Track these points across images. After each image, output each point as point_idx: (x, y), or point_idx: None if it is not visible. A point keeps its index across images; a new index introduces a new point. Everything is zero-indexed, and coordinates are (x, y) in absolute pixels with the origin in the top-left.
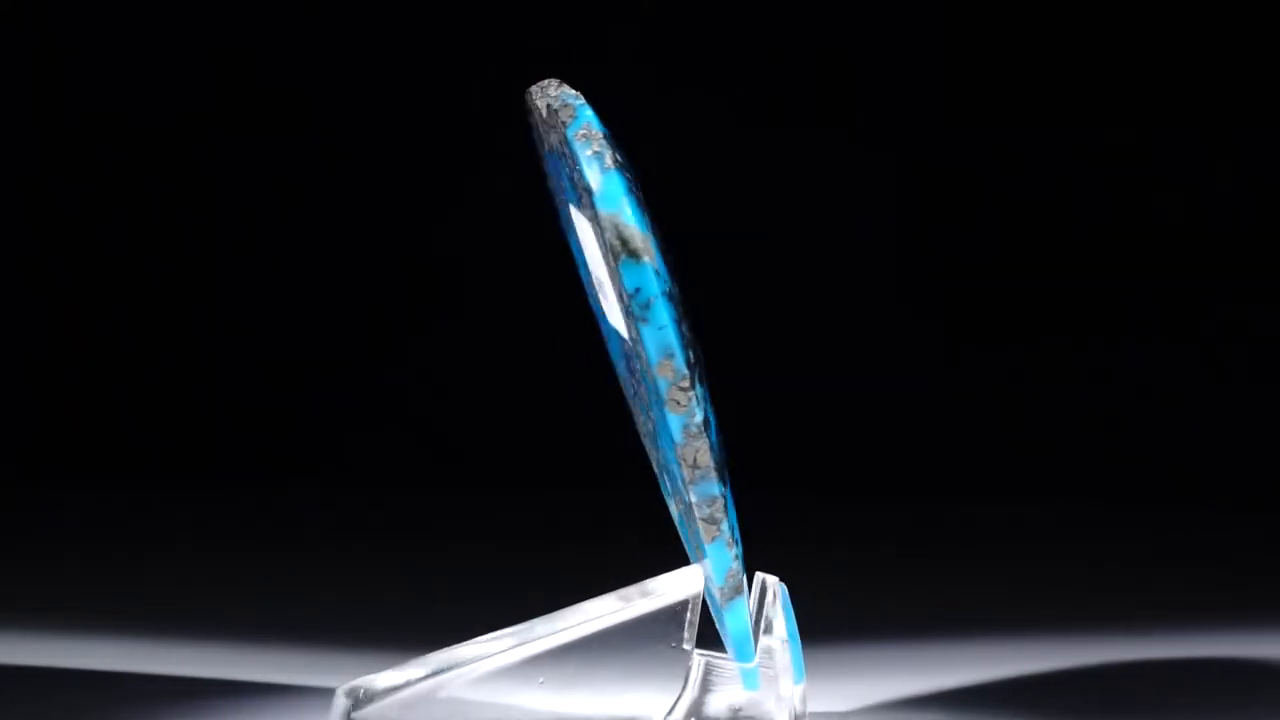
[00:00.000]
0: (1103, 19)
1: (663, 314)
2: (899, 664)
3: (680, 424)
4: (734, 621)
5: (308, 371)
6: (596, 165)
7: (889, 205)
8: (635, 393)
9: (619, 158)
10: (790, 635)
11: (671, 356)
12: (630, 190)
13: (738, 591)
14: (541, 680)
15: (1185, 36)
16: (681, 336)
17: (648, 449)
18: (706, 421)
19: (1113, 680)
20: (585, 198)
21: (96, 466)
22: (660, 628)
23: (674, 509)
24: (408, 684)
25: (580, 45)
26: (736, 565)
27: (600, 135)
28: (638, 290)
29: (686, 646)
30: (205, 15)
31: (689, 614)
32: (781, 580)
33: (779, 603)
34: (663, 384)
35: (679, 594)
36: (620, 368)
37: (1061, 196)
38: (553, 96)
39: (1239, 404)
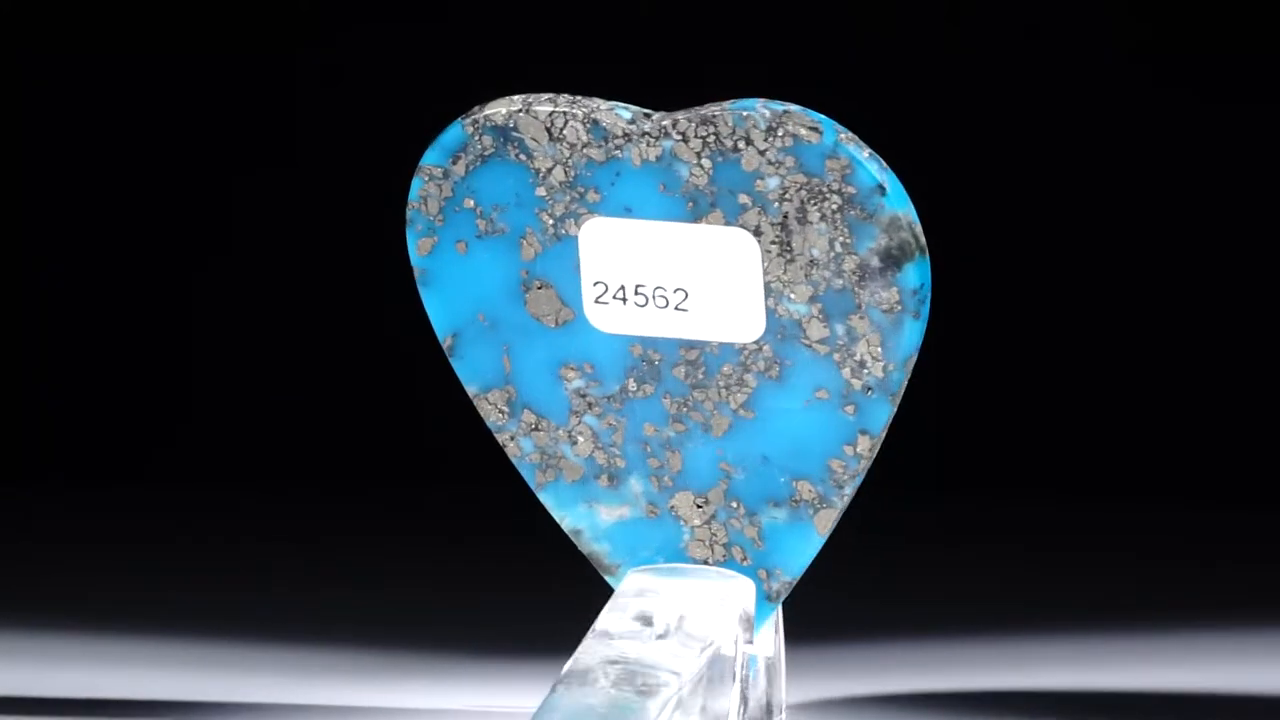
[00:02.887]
0: None
1: (928, 311)
2: (893, 662)
3: (886, 418)
4: (769, 614)
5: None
6: (877, 165)
7: None
8: (627, 397)
9: None
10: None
11: (915, 353)
12: None
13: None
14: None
15: None
16: None
17: (578, 457)
18: None
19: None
20: (832, 199)
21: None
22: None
23: (607, 516)
24: None
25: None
26: None
27: (859, 139)
28: (922, 286)
29: (748, 645)
30: None
31: (747, 615)
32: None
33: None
34: (900, 377)
35: (746, 601)
36: (558, 376)
37: None
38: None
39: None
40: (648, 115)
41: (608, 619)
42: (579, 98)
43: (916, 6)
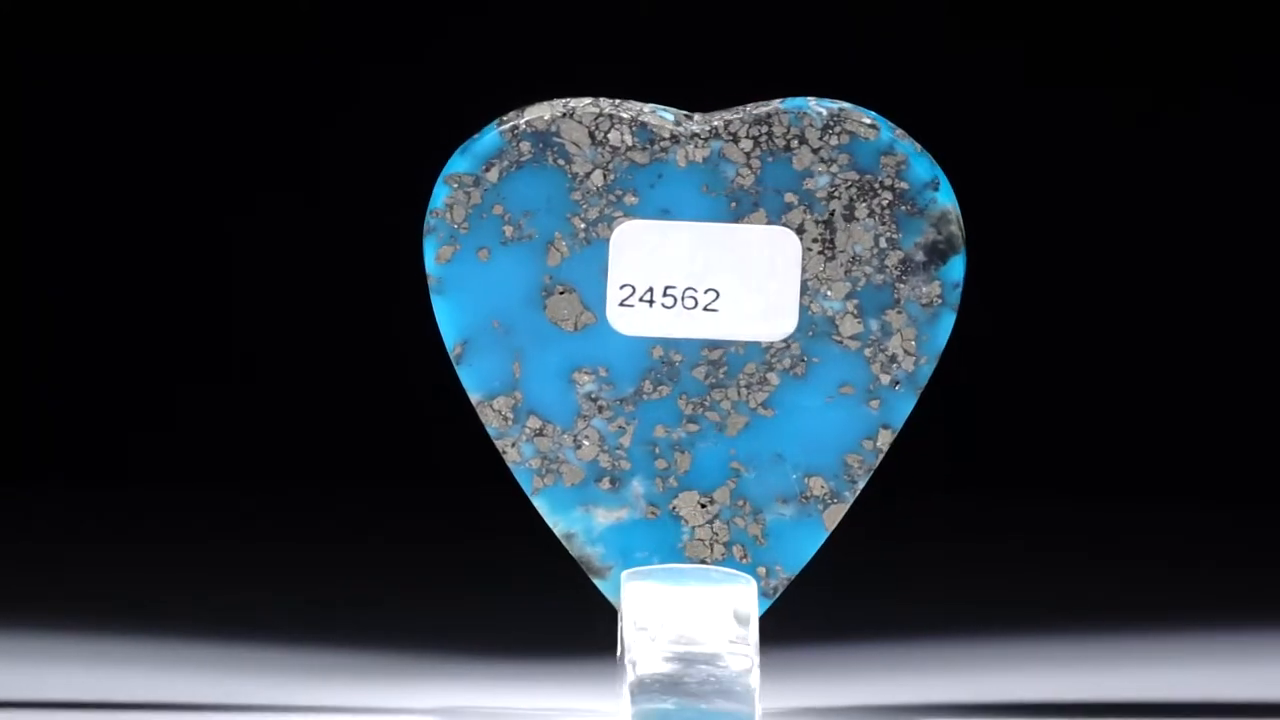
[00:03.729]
0: None
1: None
2: (891, 663)
3: (909, 411)
4: (764, 609)
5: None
6: (929, 160)
7: None
8: (640, 399)
9: None
10: None
11: (945, 345)
12: None
13: None
14: None
15: None
16: None
17: (573, 457)
18: None
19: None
20: (883, 195)
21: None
22: None
23: (604, 519)
24: None
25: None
26: None
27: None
28: (962, 278)
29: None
30: None
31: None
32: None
33: None
34: (929, 371)
35: (752, 602)
36: (568, 381)
37: None
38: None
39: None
40: (689, 116)
41: (650, 629)
42: (620, 100)
43: (916, 6)
